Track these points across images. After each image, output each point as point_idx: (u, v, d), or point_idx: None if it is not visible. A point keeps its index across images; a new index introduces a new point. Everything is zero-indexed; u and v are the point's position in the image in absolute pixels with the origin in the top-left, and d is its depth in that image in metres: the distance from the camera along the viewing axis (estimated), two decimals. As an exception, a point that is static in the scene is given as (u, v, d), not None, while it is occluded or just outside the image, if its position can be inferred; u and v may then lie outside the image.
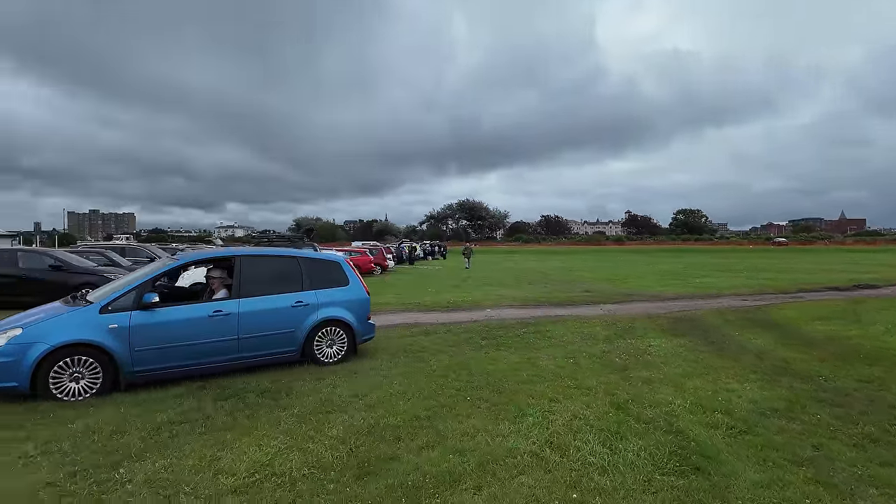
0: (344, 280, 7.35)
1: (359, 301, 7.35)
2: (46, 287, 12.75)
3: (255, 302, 6.51)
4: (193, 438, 4.31)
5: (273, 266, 7.02)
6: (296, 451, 4.02)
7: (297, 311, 6.77)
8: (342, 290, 7.24)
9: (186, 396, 5.43)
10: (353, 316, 7.20)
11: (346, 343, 7.10)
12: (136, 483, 3.52)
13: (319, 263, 7.33)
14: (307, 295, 6.91)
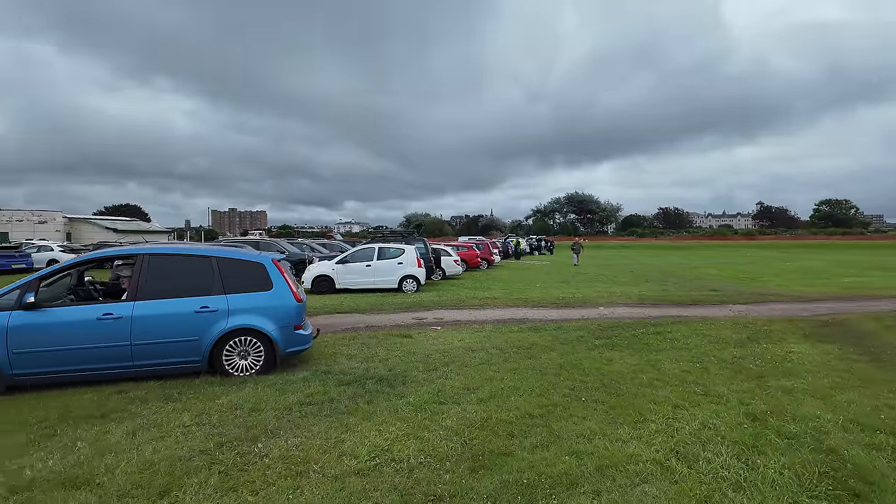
0: (266, 284, 6.41)
1: (282, 308, 6.38)
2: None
3: (153, 305, 5.95)
4: (320, 420, 4.63)
5: (181, 266, 6.36)
6: (413, 439, 4.15)
7: (201, 318, 6.05)
8: (262, 296, 6.33)
9: (312, 380, 5.85)
10: (274, 324, 6.28)
11: (263, 355, 6.25)
12: (272, 458, 3.86)
13: (238, 265, 6.46)
14: (216, 300, 6.15)
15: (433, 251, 18.73)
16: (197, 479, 3.50)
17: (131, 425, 4.48)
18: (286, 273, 6.65)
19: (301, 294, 6.70)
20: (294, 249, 21.17)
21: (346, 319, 10.62)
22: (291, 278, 6.72)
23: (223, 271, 6.31)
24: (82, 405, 5.01)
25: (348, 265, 15.26)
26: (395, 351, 7.42)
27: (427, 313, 11.42)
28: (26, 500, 3.26)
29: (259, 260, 6.58)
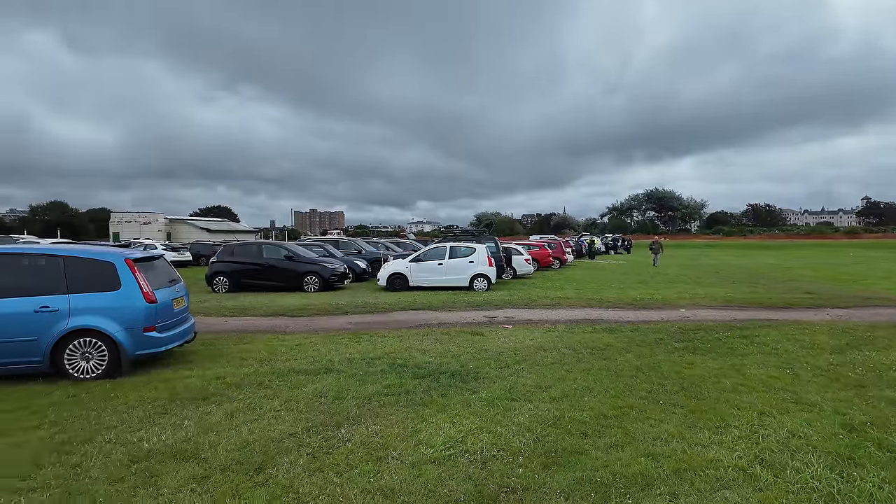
0: (114, 284, 6.22)
1: (129, 309, 6.18)
2: (282, 273, 15.45)
3: None
4: (397, 410, 4.86)
5: (24, 266, 6.35)
6: (486, 433, 4.27)
7: (41, 318, 5.93)
8: (108, 296, 6.17)
9: (389, 373, 6.12)
10: (119, 326, 6.11)
11: (107, 357, 6.08)
12: (354, 443, 4.11)
13: (86, 264, 6.33)
14: (57, 299, 6.01)
15: (504, 250, 18.74)
16: (288, 459, 3.81)
17: (229, 407, 4.93)
18: (139, 273, 6.38)
19: (157, 295, 6.45)
20: (370, 248, 21.98)
21: (419, 316, 10.92)
22: (145, 278, 6.42)
23: (69, 271, 6.20)
24: (187, 388, 5.56)
25: (421, 263, 15.64)
26: (467, 348, 7.56)
27: (498, 312, 11.48)
28: (145, 468, 3.70)
29: (109, 259, 6.41)
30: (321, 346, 7.71)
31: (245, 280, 15.41)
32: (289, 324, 10.04)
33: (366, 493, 3.32)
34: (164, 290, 6.78)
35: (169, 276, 7.23)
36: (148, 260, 6.96)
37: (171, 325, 6.77)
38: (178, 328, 6.91)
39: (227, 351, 7.43)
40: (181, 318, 7.13)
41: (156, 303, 6.40)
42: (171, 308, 6.80)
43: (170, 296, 6.83)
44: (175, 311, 6.93)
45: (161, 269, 7.18)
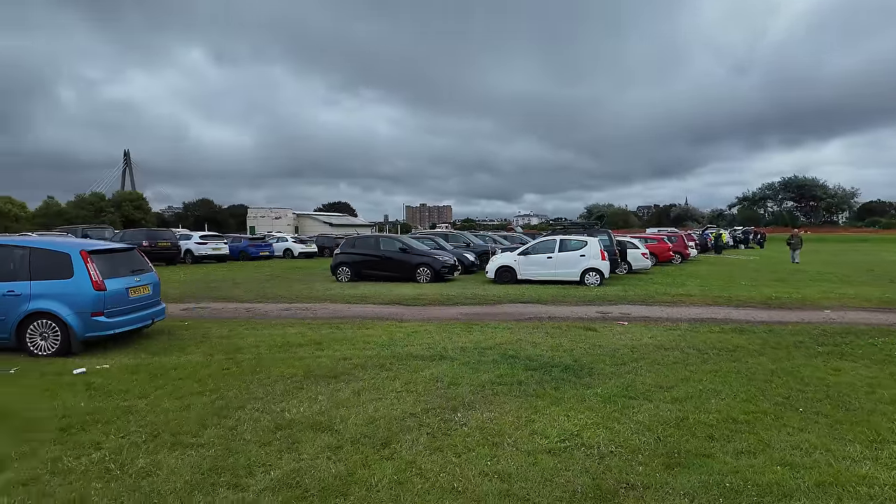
0: (67, 273, 6.96)
1: (80, 295, 6.87)
2: (397, 264, 16.22)
3: None
4: (510, 399, 4.95)
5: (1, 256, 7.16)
6: (602, 429, 4.20)
7: (8, 300, 6.84)
8: (62, 283, 6.91)
9: (501, 363, 6.23)
10: (70, 310, 6.81)
11: (60, 337, 6.82)
12: (470, 427, 4.28)
13: (46, 254, 7.15)
14: (21, 285, 6.89)
15: (618, 243, 17.97)
16: (410, 437, 4.07)
17: (356, 386, 5.36)
18: (91, 264, 7.04)
19: (108, 284, 7.08)
20: (478, 241, 22.28)
21: (528, 309, 10.90)
22: (96, 269, 7.05)
23: (33, 260, 7.06)
24: (320, 367, 6.12)
25: (530, 257, 15.54)
26: (580, 342, 7.43)
27: (612, 307, 11.09)
28: (287, 435, 4.17)
29: (65, 250, 7.17)
30: (435, 333, 8.03)
31: (364, 270, 16.42)
32: (404, 312, 10.56)
33: (483, 475, 3.45)
34: (120, 279, 7.45)
35: (132, 267, 7.90)
36: (108, 252, 7.71)
37: (124, 311, 7.41)
38: (134, 314, 7.58)
39: (352, 335, 8.02)
40: (139, 306, 7.75)
41: (104, 290, 7.07)
42: (124, 296, 7.44)
43: (125, 284, 7.50)
44: (131, 299, 7.57)
45: (124, 261, 7.90)
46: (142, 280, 7.90)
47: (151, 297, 8.12)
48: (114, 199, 69.77)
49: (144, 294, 7.92)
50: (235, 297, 13.06)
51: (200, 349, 7.18)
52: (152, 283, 8.18)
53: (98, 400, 5.01)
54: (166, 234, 24.63)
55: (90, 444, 4.00)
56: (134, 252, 8.49)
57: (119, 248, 8.18)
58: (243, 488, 3.32)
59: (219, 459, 3.72)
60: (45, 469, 3.58)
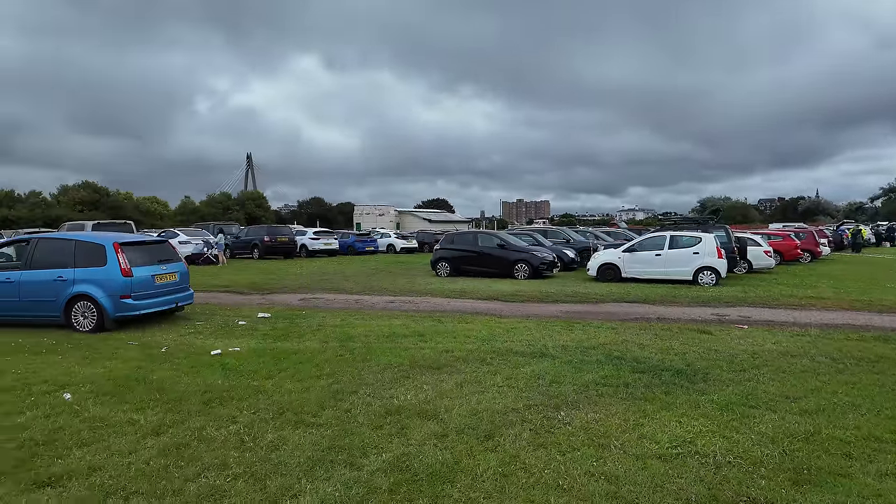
0: (102, 261, 8.17)
1: (111, 281, 8.06)
2: (495, 261, 16.29)
3: (32, 274, 8.29)
4: (616, 401, 4.81)
5: (55, 247, 8.58)
6: (719, 437, 3.96)
7: (58, 284, 8.15)
8: (98, 270, 8.13)
9: (605, 364, 6.05)
10: (104, 293, 8.03)
11: (96, 316, 8.07)
12: (574, 426, 4.23)
13: (86, 246, 8.41)
14: (68, 272, 8.18)
15: (737, 240, 16.56)
16: (513, 431, 4.12)
17: (459, 378, 5.50)
18: (121, 254, 8.22)
19: (135, 271, 8.26)
20: (579, 237, 21.67)
21: (634, 309, 10.44)
22: (126, 258, 8.23)
23: (77, 251, 8.37)
24: (424, 358, 6.36)
25: (636, 254, 14.84)
26: (693, 346, 7.00)
27: (729, 310, 10.28)
28: (396, 420, 4.40)
29: (101, 242, 8.44)
30: (535, 331, 7.99)
31: (463, 266, 16.69)
32: (503, 308, 10.60)
33: (589, 475, 3.41)
34: (147, 267, 8.56)
35: (160, 258, 9.01)
36: (138, 244, 8.94)
37: (150, 295, 8.51)
38: (159, 298, 8.69)
39: (453, 329, 8.22)
40: (165, 291, 8.82)
41: (131, 277, 8.22)
42: (150, 282, 8.54)
43: (151, 272, 8.59)
44: (156, 285, 8.66)
45: (153, 251, 9.07)
46: (168, 269, 9.01)
47: (178, 283, 9.21)
48: (239, 197, 77.02)
49: (171, 281, 9.02)
50: (345, 289, 13.90)
51: (317, 336, 7.76)
52: (179, 272, 9.28)
53: (232, 379, 5.62)
54: (285, 230, 26.78)
55: (227, 417, 4.51)
56: (165, 244, 9.85)
57: (149, 241, 9.55)
58: (358, 468, 3.57)
59: (336, 439, 4.03)
60: (193, 436, 4.11)
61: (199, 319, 9.24)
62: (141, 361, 6.30)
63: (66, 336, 7.78)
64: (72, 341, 7.41)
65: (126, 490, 3.29)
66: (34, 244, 8.75)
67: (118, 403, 4.86)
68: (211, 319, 9.25)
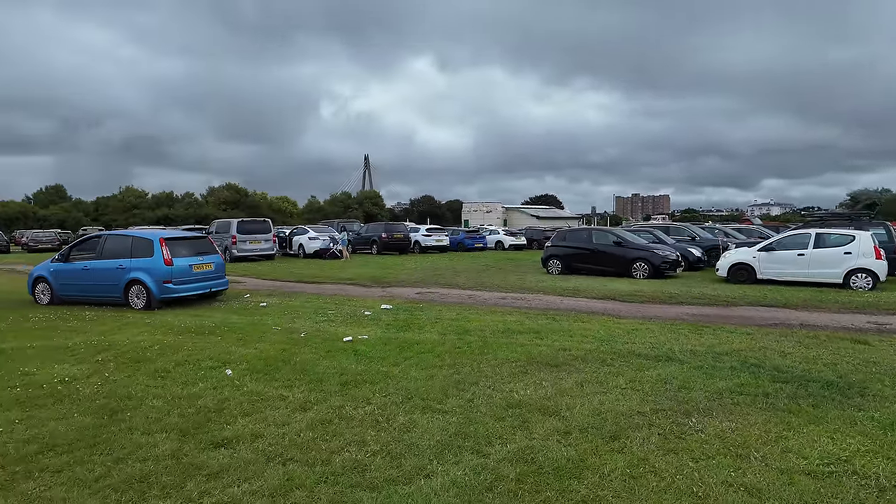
0: (150, 253, 10.08)
1: (157, 269, 9.95)
2: (611, 258, 15.73)
3: (99, 263, 10.52)
4: (755, 411, 4.48)
5: (118, 242, 10.81)
6: (882, 459, 3.54)
7: (119, 271, 10.26)
8: (147, 260, 10.06)
9: (741, 371, 5.63)
10: (151, 279, 9.94)
11: (146, 298, 10.01)
12: (707, 434, 4.02)
13: (139, 240, 10.46)
14: (126, 262, 10.23)
15: (901, 239, 14.33)
16: (640, 434, 4.02)
17: (579, 378, 5.46)
18: (164, 247, 10.14)
19: (175, 261, 10.13)
20: (705, 234, 20.12)
21: (772, 314, 9.52)
22: (168, 250, 10.13)
23: (133, 244, 10.45)
24: (540, 354, 6.39)
25: (774, 253, 13.46)
26: (845, 356, 6.25)
27: (891, 318, 9.00)
28: (517, 414, 4.49)
29: (150, 237, 10.48)
30: (658, 333, 7.63)
31: (575, 263, 16.31)
32: (620, 308, 10.23)
33: (727, 485, 3.24)
34: (186, 258, 10.46)
35: (199, 250, 10.94)
36: (179, 239, 10.99)
37: (187, 281, 10.41)
38: (195, 284, 10.60)
39: (568, 327, 8.12)
40: (201, 278, 10.72)
41: (172, 266, 10.09)
42: (188, 270, 10.43)
43: (190, 262, 10.49)
44: (194, 273, 10.56)
45: (193, 245, 11.05)
46: (205, 259, 10.91)
47: (214, 272, 11.08)
48: (357, 197, 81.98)
49: (207, 270, 10.90)
50: (458, 284, 14.28)
51: (435, 328, 8.10)
52: (215, 263, 11.16)
53: (363, 364, 6.09)
54: (400, 227, 28.11)
55: (362, 398, 4.92)
56: (205, 239, 11.99)
57: (189, 236, 11.62)
58: (484, 455, 3.73)
59: (461, 426, 4.23)
60: (334, 414, 4.54)
61: (331, 309, 10.06)
62: (285, 345, 7.05)
63: (223, 319, 8.92)
64: (227, 325, 8.49)
65: (283, 457, 3.75)
66: (104, 239, 11.07)
67: (270, 381, 5.51)
68: (341, 309, 10.03)
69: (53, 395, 5.09)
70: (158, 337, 7.52)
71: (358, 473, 3.49)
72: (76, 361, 6.27)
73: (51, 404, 4.84)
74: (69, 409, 4.72)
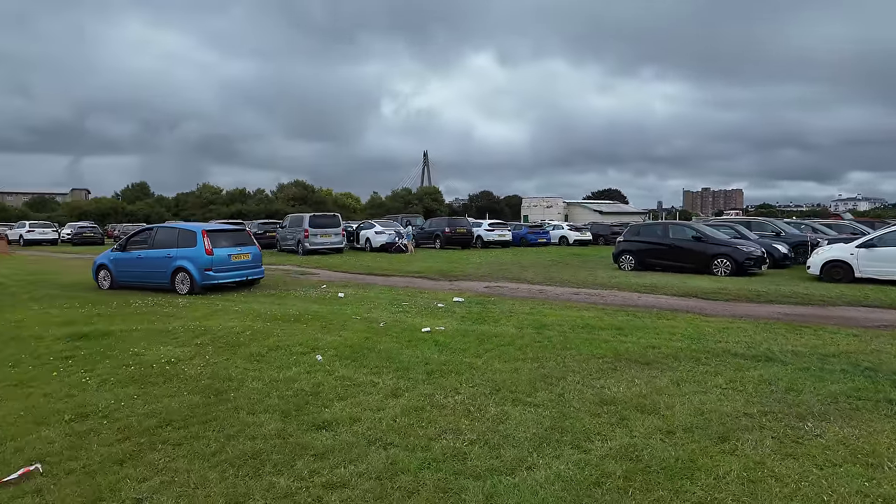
0: (194, 243, 11.05)
1: (199, 258, 10.93)
2: (689, 254, 15.02)
3: (150, 252, 11.60)
4: (879, 418, 4.11)
5: (166, 233, 11.89)
6: None
7: (167, 259, 11.27)
8: (191, 250, 11.05)
9: (854, 374, 5.19)
10: (194, 267, 10.91)
11: (189, 284, 10.96)
12: (827, 440, 3.72)
13: (184, 232, 11.49)
14: (173, 251, 11.23)
15: None
16: (752, 437, 3.78)
17: (673, 376, 5.22)
18: (206, 238, 11.14)
19: (215, 251, 11.17)
20: (791, 230, 18.79)
21: (879, 315, 8.75)
22: (210, 241, 11.15)
23: (179, 235, 11.50)
24: (627, 351, 6.18)
25: (876, 250, 12.35)
26: (977, 363, 5.62)
27: None
28: (613, 410, 4.35)
29: (194, 229, 11.46)
30: (752, 332, 7.18)
31: (650, 259, 15.69)
32: (705, 306, 9.73)
33: (862, 496, 2.99)
34: (225, 248, 11.47)
35: (237, 242, 11.96)
36: (220, 232, 11.95)
37: (226, 269, 11.42)
38: (233, 272, 11.59)
39: (652, 324, 7.81)
40: (238, 266, 11.71)
41: (212, 255, 11.10)
42: (227, 260, 11.43)
43: (229, 252, 11.50)
44: (232, 262, 11.54)
45: (232, 237, 12.05)
46: (243, 250, 11.93)
47: (251, 262, 12.05)
48: (417, 192, 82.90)
49: (244, 259, 11.90)
50: (526, 278, 14.10)
51: (511, 322, 8.03)
52: (252, 254, 12.14)
53: (445, 354, 6.12)
54: (463, 221, 28.10)
55: (450, 388, 4.94)
56: (243, 231, 13.05)
57: (229, 229, 12.65)
58: (585, 451, 3.63)
59: (556, 420, 4.15)
60: (426, 402, 4.58)
61: (405, 300, 10.21)
62: (366, 333, 7.21)
63: (305, 308, 9.26)
64: (310, 313, 8.79)
65: (383, 441, 3.81)
66: (155, 231, 12.26)
67: (358, 367, 5.65)
68: (414, 301, 10.15)
69: (163, 374, 5.46)
70: (248, 323, 7.90)
71: (458, 461, 3.50)
72: (178, 344, 6.69)
73: (161, 382, 5.19)
74: (178, 387, 5.03)
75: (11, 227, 38.16)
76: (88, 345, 6.62)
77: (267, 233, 26.44)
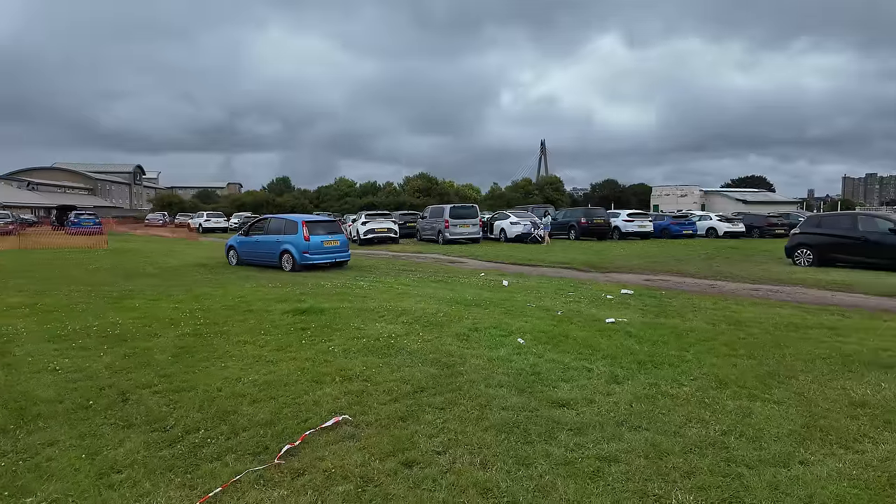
0: (296, 231, 13.80)
1: (299, 243, 13.64)
2: (884, 250, 13.23)
3: (265, 237, 14.74)
4: None
5: (276, 222, 14.87)
6: None
7: (276, 244, 14.18)
8: (293, 237, 13.82)
9: None
10: (296, 249, 13.67)
11: (292, 263, 13.74)
12: None
13: (289, 222, 14.34)
14: (281, 237, 14.10)
15: None
16: None
17: None
18: (305, 227, 13.74)
19: (312, 238, 13.68)
20: None
21: None
22: (308, 230, 13.72)
23: (285, 224, 14.31)
24: (855, 353, 5.68)
25: None
26: None
27: None
28: (869, 413, 4.08)
29: (296, 220, 14.21)
30: None
31: (833, 254, 14.05)
32: (923, 309, 8.55)
33: None
34: (319, 236, 13.93)
35: (329, 230, 14.60)
36: (316, 222, 14.72)
37: (320, 252, 13.88)
38: (325, 255, 14.04)
39: (868, 325, 7.09)
40: (329, 251, 14.11)
41: (309, 241, 13.62)
42: (320, 245, 13.87)
43: (322, 239, 13.95)
44: (324, 247, 13.96)
45: (326, 226, 14.81)
46: (333, 237, 14.39)
47: (339, 247, 14.42)
48: (538, 182, 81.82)
49: (334, 245, 14.26)
50: (688, 272, 13.43)
51: (698, 317, 7.75)
52: (340, 241, 14.60)
53: (644, 345, 6.10)
54: (600, 212, 27.36)
55: (671, 379, 4.93)
56: (335, 222, 16.66)
57: (323, 220, 15.96)
58: (858, 451, 3.47)
59: (808, 419, 3.99)
60: (653, 390, 4.65)
61: (569, 291, 10.28)
62: (550, 321, 7.41)
63: (477, 294, 9.73)
64: (483, 299, 9.22)
65: (631, 423, 3.95)
66: (269, 221, 15.42)
67: (560, 352, 5.85)
68: (579, 291, 10.19)
69: (389, 347, 6.11)
70: (437, 306, 8.50)
71: (720, 449, 3.53)
72: (387, 322, 7.42)
73: (393, 353, 5.82)
74: (411, 359, 5.61)
75: (192, 217, 44.61)
76: (314, 318, 7.59)
77: (407, 223, 27.93)
